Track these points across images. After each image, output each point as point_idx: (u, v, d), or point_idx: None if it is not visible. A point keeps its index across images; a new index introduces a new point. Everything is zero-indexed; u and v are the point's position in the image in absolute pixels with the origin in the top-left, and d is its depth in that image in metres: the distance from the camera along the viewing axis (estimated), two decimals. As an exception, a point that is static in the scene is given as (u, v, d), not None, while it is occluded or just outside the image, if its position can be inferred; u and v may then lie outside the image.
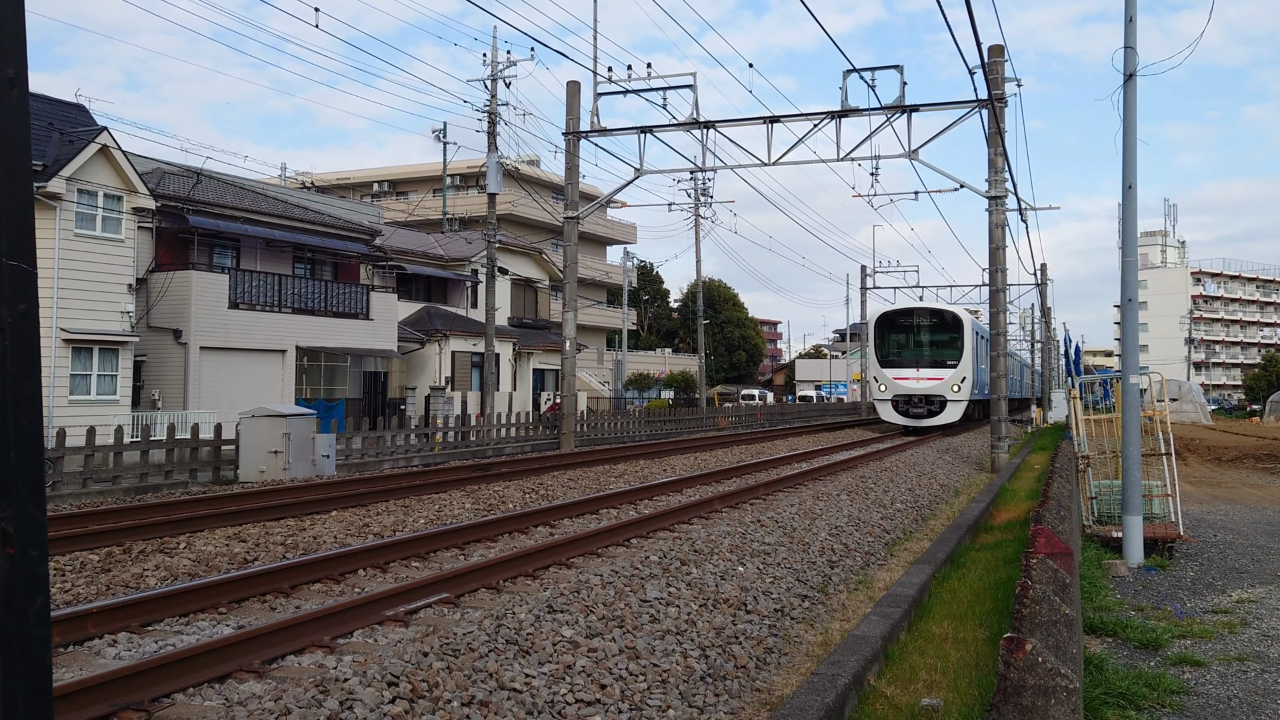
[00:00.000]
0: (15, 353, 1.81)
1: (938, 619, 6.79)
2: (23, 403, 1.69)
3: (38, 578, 1.39)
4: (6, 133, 2.19)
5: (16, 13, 2.27)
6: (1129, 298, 11.18)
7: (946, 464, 20.43)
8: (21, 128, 2.23)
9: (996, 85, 20.62)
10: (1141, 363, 11.61)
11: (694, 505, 10.82)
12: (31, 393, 1.75)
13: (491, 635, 5.57)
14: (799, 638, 6.28)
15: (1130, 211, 10.98)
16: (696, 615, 6.45)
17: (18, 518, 1.42)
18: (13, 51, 2.21)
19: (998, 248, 21.39)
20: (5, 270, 1.87)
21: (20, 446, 1.59)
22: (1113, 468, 13.53)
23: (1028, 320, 66.38)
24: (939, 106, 21.42)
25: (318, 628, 5.46)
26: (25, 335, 1.87)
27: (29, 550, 1.38)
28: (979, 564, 9.02)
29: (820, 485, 14.47)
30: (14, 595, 1.37)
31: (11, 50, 2.21)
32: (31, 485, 1.55)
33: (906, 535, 11.15)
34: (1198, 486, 20.39)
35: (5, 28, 2.19)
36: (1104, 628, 7.30)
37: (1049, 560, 6.55)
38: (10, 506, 1.44)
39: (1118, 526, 11.17)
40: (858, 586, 8.05)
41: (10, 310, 1.89)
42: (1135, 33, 10.83)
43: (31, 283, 1.98)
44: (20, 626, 1.33)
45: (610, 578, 7.25)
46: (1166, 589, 9.30)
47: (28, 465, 1.57)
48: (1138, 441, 10.91)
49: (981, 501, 13.61)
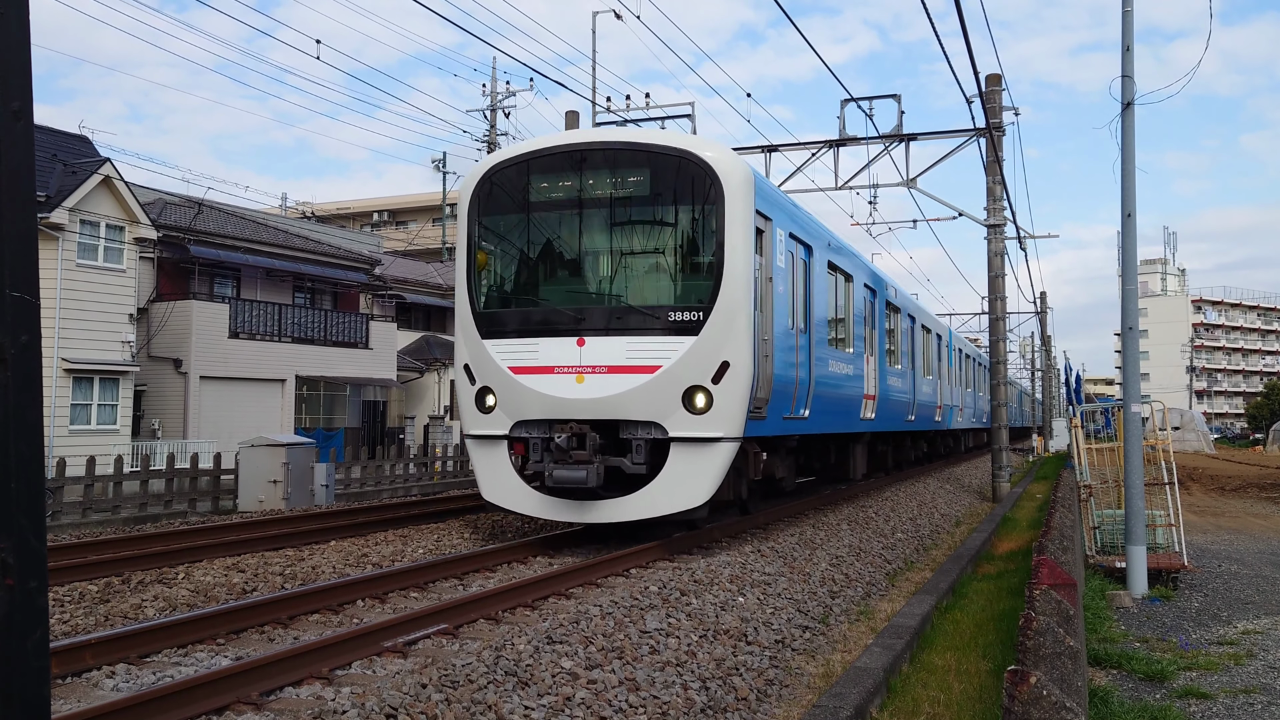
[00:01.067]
0: (17, 384, 1.81)
1: (940, 650, 6.73)
2: (24, 433, 1.69)
3: (37, 609, 1.38)
4: (11, 165, 2.21)
5: (22, 46, 2.30)
6: (1129, 326, 11.21)
7: (948, 493, 20.35)
8: (26, 160, 2.25)
9: (994, 114, 20.78)
10: (1143, 391, 11.60)
11: (693, 535, 10.77)
12: (33, 424, 1.75)
13: (491, 666, 5.52)
14: (800, 669, 6.23)
15: (1130, 239, 11.04)
16: (696, 646, 6.40)
17: (17, 549, 1.42)
18: (18, 85, 2.24)
19: (997, 276, 21.45)
20: (8, 301, 1.89)
21: (21, 477, 1.59)
22: (1115, 497, 13.48)
23: (1028, 349, 66.39)
24: (937, 135, 21.58)
25: (316, 659, 5.42)
26: (27, 366, 1.88)
27: (28, 581, 1.38)
28: (981, 594, 8.96)
29: (820, 515, 14.41)
30: (13, 626, 1.37)
31: (17, 84, 2.24)
32: (31, 516, 1.55)
33: (908, 565, 11.08)
34: (1201, 516, 20.30)
35: (11, 62, 2.23)
36: (1109, 659, 7.24)
37: (1053, 591, 6.51)
38: (10, 537, 1.44)
39: (1121, 557, 11.11)
40: (859, 617, 7.99)
41: (13, 341, 1.90)
42: (1132, 61, 10.94)
43: (34, 314, 1.99)
44: (19, 658, 1.33)
45: (610, 608, 7.20)
46: (1171, 620, 9.23)
47: (28, 496, 1.57)
48: (1140, 471, 10.88)
49: (983, 531, 13.54)
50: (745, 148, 22.95)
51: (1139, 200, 11.03)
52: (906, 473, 24.01)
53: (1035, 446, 49.52)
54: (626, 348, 9.37)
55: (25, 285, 1.94)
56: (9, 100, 2.23)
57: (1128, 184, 10.91)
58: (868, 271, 16.78)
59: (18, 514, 1.45)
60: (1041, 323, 59.54)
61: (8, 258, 1.95)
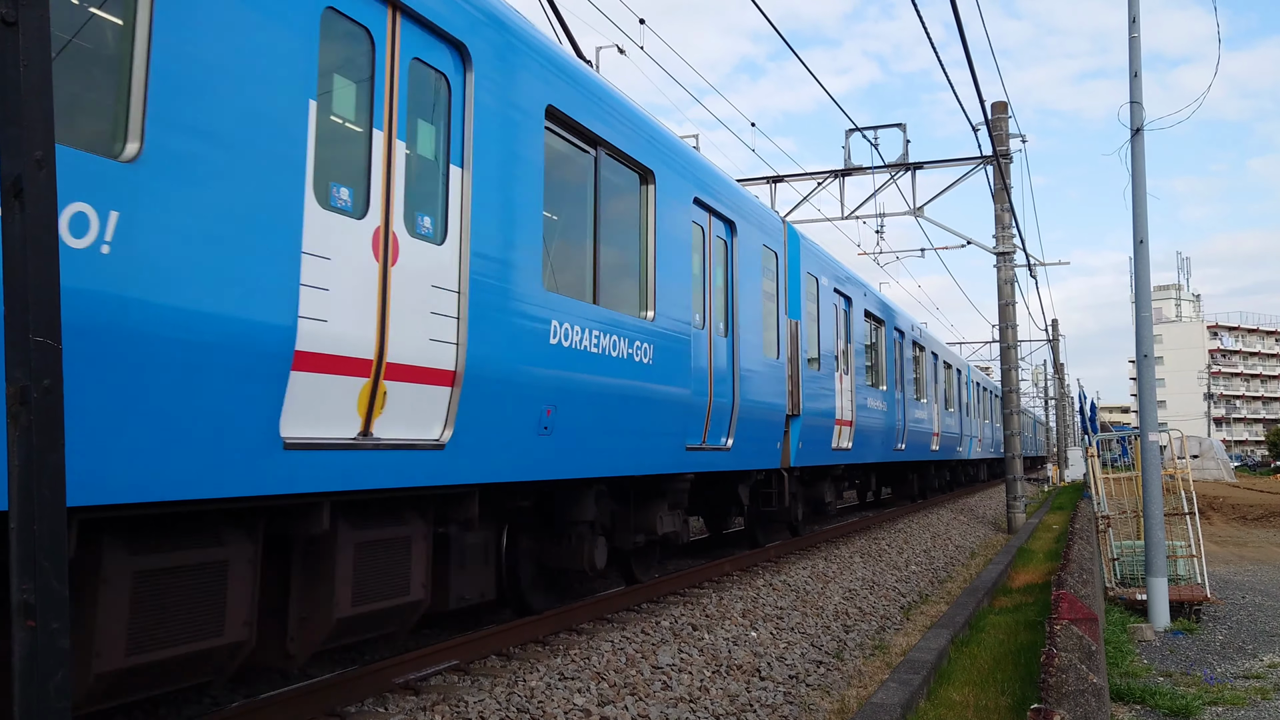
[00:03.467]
0: (40, 427, 1.85)
1: (958, 685, 6.65)
2: (46, 477, 1.72)
3: (58, 651, 1.40)
4: (34, 212, 2.27)
5: (44, 95, 2.37)
6: (1145, 353, 11.15)
7: (961, 524, 20.19)
8: (49, 208, 2.31)
9: (1001, 141, 20.87)
10: (1160, 419, 11.52)
11: (704, 569, 10.72)
12: (55, 466, 1.78)
13: (503, 704, 5.50)
14: (815, 705, 6.17)
15: (1143, 266, 11.01)
16: (709, 682, 6.35)
17: (40, 590, 1.45)
18: (41, 135, 2.31)
19: (1007, 304, 21.41)
20: (32, 346, 1.93)
21: (43, 520, 1.62)
22: (1134, 528, 13.35)
23: (1040, 376, 66.08)
24: (944, 164, 21.67)
25: (327, 697, 5.40)
26: (50, 410, 1.92)
27: (50, 623, 1.40)
28: (999, 628, 8.86)
29: (832, 547, 14.31)
30: (35, 668, 1.39)
31: (39, 134, 2.31)
32: (54, 559, 1.58)
33: (923, 598, 10.99)
34: (1223, 546, 20.06)
35: (33, 112, 2.30)
36: (1131, 694, 7.14)
37: (1073, 626, 6.44)
38: (33, 579, 1.47)
39: (1142, 589, 10.98)
40: (874, 652, 7.92)
41: (36, 385, 1.95)
42: (1141, 88, 10.98)
43: (57, 359, 2.03)
44: (40, 700, 1.35)
45: (621, 643, 7.16)
46: (1195, 653, 9.11)
47: (50, 539, 1.59)
48: (1159, 500, 10.78)
49: (999, 563, 13.42)
50: (751, 178, 23.10)
51: (1149, 226, 11.03)
52: (919, 504, 23.85)
53: (1050, 476, 49.09)
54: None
55: (48, 330, 1.99)
56: (32, 149, 2.30)
57: (1139, 210, 10.91)
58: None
59: (41, 557, 1.49)
60: (1054, 350, 59.29)
61: (32, 304, 2.00)
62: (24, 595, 1.53)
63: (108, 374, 3.52)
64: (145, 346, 3.64)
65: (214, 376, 3.97)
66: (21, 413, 1.91)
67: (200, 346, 3.89)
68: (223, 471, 4.06)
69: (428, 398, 5.31)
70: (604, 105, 7.46)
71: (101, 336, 3.46)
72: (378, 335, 4.93)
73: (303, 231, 4.49)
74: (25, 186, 2.18)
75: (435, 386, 5.38)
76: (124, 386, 3.59)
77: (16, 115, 2.27)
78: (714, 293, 9.56)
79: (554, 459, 6.58)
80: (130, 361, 3.59)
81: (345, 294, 4.76)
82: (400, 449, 5.09)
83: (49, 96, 2.42)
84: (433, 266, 5.41)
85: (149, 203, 3.68)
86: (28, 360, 1.94)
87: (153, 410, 3.71)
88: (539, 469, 6.44)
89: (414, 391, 5.21)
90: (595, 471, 7.16)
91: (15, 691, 1.44)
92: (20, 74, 2.08)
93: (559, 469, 6.67)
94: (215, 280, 3.97)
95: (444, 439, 5.44)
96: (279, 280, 4.31)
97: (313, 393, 4.52)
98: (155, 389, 3.71)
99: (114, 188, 3.55)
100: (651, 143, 8.31)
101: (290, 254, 4.40)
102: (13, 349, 1.99)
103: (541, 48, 6.64)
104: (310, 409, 4.54)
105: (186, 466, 3.87)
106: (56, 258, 2.07)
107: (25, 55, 2.32)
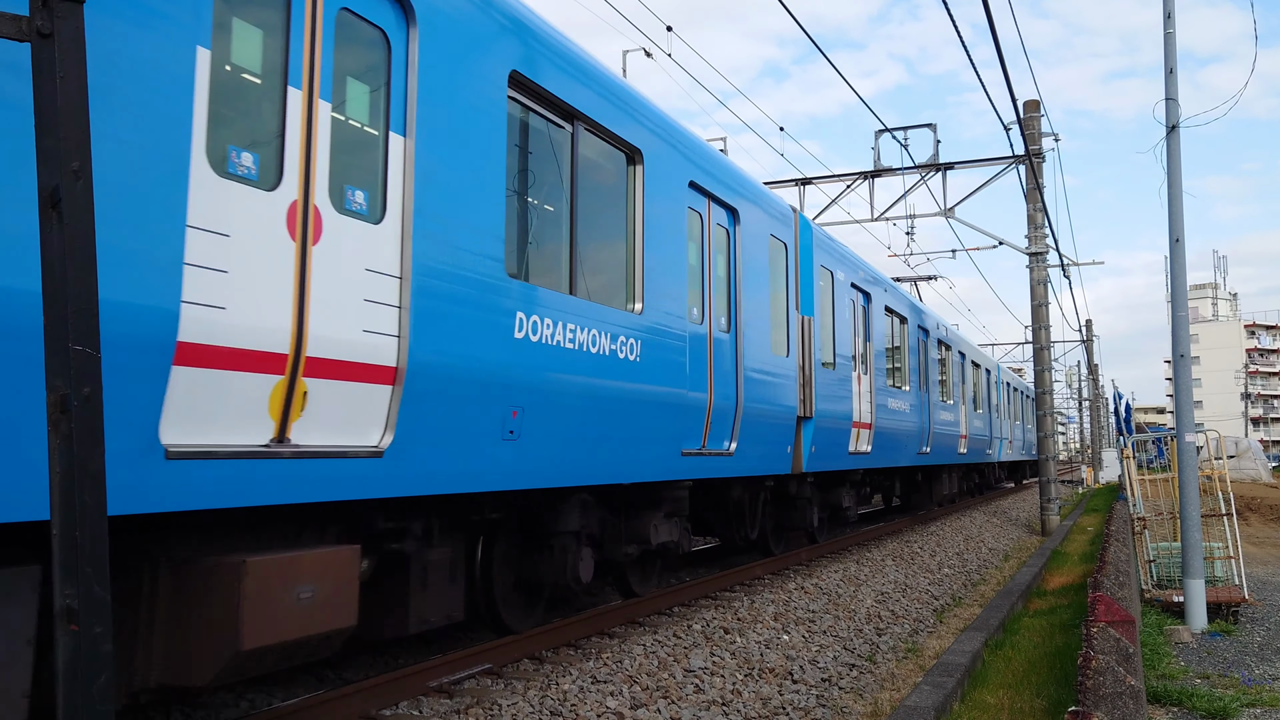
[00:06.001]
0: (80, 434, 1.89)
1: (992, 688, 6.58)
2: (87, 483, 1.75)
3: (102, 654, 1.43)
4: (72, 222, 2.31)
5: (80, 108, 2.41)
6: (1181, 353, 10.98)
7: (995, 527, 19.98)
8: (86, 219, 2.35)
9: (1034, 140, 20.65)
10: (1196, 419, 11.34)
11: (735, 572, 10.68)
12: (95, 474, 1.81)
13: (536, 707, 5.51)
14: (848, 708, 6.13)
15: (1179, 265, 10.85)
16: (741, 685, 6.33)
17: (83, 595, 1.48)
18: (78, 146, 2.35)
19: (1040, 305, 21.17)
20: (72, 355, 1.97)
21: (85, 526, 1.65)
22: (1170, 529, 13.14)
23: (1074, 378, 65.27)
24: (975, 164, 21.48)
25: (362, 700, 5.45)
26: (90, 417, 1.96)
27: (93, 627, 1.43)
28: (1033, 631, 8.76)
29: (864, 550, 14.22)
30: (78, 672, 1.42)
31: (76, 145, 2.35)
32: (95, 564, 1.61)
33: (956, 601, 10.88)
34: (1261, 548, 19.70)
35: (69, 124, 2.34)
36: (1168, 697, 7.04)
37: (1110, 629, 6.35)
38: (76, 585, 1.50)
39: (1178, 591, 10.81)
40: (907, 655, 7.86)
41: (76, 393, 1.98)
42: (1176, 85, 10.81)
43: (96, 367, 2.07)
44: (85, 702, 1.37)
45: (653, 646, 7.16)
46: (1233, 655, 8.96)
47: (92, 545, 1.62)
48: (1196, 502, 10.61)
49: (1033, 566, 13.26)
50: (778, 181, 23.03)
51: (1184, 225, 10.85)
52: (950, 508, 23.62)
53: (1085, 478, 48.44)
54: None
55: (87, 339, 2.02)
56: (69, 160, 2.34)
57: (1175, 208, 10.74)
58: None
59: (83, 562, 1.51)
60: (1088, 351, 58.54)
61: (71, 313, 2.04)
62: (67, 600, 1.55)
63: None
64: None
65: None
66: (62, 421, 1.95)
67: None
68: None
69: (361, 398, 4.61)
70: (582, 75, 6.68)
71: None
72: (294, 326, 4.24)
73: (188, 201, 3.76)
74: (63, 198, 2.21)
75: (371, 385, 4.65)
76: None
77: (53, 127, 2.31)
78: (714, 286, 8.81)
79: (523, 466, 5.86)
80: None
81: (250, 277, 4.04)
82: (326, 456, 4.35)
83: (85, 108, 2.46)
84: (367, 248, 4.66)
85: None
86: (68, 369, 1.98)
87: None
88: (505, 478, 5.72)
89: (343, 391, 4.50)
90: (573, 480, 6.43)
91: (59, 693, 1.46)
92: (57, 85, 2.12)
93: (529, 477, 5.96)
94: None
95: (383, 445, 4.72)
96: (153, 258, 3.60)
97: (205, 391, 3.85)
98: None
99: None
100: (638, 119, 7.48)
101: (169, 227, 3.68)
102: (53, 357, 2.03)
103: (504, 5, 5.83)
104: (202, 411, 3.85)
105: (20, 481, 3.14)
106: (95, 268, 2.11)
107: (61, 67, 2.36)
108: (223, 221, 3.95)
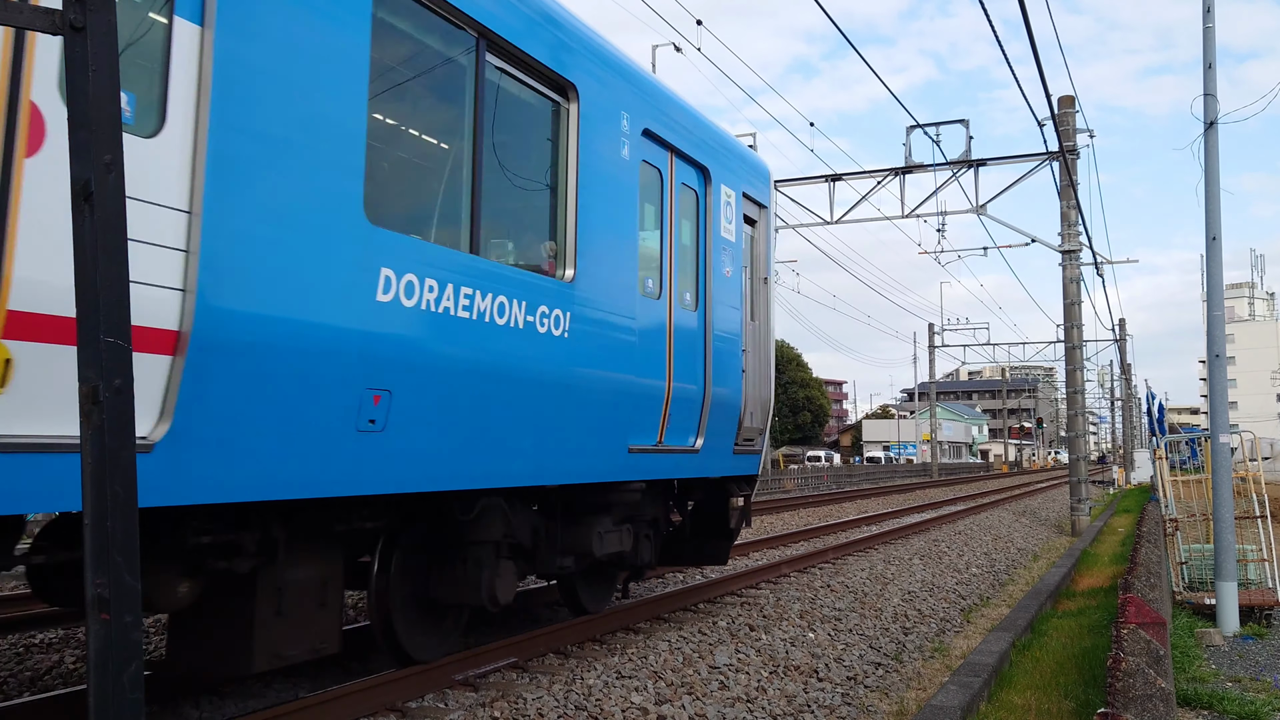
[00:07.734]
0: (112, 425, 1.91)
1: (1019, 689, 6.51)
2: (118, 474, 1.77)
3: (132, 643, 1.45)
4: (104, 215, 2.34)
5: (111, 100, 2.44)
6: (1216, 353, 10.79)
7: (1024, 527, 19.79)
8: (118, 210, 2.37)
9: (1068, 137, 20.37)
10: (1231, 420, 11.15)
11: (761, 570, 10.65)
12: (126, 464, 1.83)
13: (561, 701, 5.53)
14: (873, 707, 6.09)
15: (1215, 263, 10.66)
16: (766, 682, 6.31)
17: (113, 584, 1.49)
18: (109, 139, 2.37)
19: (1073, 303, 20.91)
20: (104, 347, 1.99)
21: (116, 516, 1.67)
22: (1203, 531, 12.94)
23: (1106, 377, 64.47)
24: (1008, 160, 21.24)
25: (389, 692, 5.48)
26: (121, 409, 1.98)
27: (124, 616, 1.45)
28: (1062, 632, 8.66)
29: (891, 549, 14.13)
30: (108, 660, 1.44)
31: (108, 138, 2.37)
32: (126, 553, 1.63)
33: (983, 601, 10.79)
34: (1297, 550, 19.33)
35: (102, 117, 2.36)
36: (1199, 700, 6.93)
37: (1141, 630, 6.26)
38: (107, 574, 1.51)
39: (1210, 593, 10.65)
40: (933, 654, 7.80)
41: (107, 385, 2.00)
42: (1215, 79, 10.61)
43: (127, 359, 2.09)
44: (115, 690, 1.39)
45: (678, 643, 7.15)
46: (1265, 659, 8.81)
47: (123, 534, 1.64)
48: (1230, 503, 10.44)
49: (1062, 566, 13.11)
50: (808, 177, 22.91)
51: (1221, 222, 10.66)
52: (976, 507, 23.42)
53: (1116, 478, 47.87)
54: None
55: (119, 331, 2.04)
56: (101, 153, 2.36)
57: (1212, 206, 10.55)
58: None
59: (114, 552, 1.53)
60: (1121, 350, 57.78)
61: (104, 304, 2.06)
62: (98, 589, 1.57)
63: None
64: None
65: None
66: (94, 411, 1.96)
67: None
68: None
69: None
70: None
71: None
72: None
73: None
74: (95, 190, 2.24)
75: (137, 354, 3.12)
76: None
77: (85, 119, 2.33)
78: (678, 254, 7.40)
79: (391, 465, 4.56)
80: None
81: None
82: (40, 451, 3.15)
83: (117, 101, 2.48)
84: (132, 168, 3.29)
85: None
86: (99, 360, 1.99)
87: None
88: (361, 480, 4.43)
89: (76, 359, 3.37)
90: (472, 482, 5.15)
91: (90, 681, 1.48)
92: (89, 79, 2.14)
93: (400, 480, 4.65)
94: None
95: (153, 437, 3.53)
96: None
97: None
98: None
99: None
100: (571, 46, 5.96)
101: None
102: (85, 349, 2.05)
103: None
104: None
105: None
106: (126, 260, 2.12)
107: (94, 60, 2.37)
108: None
